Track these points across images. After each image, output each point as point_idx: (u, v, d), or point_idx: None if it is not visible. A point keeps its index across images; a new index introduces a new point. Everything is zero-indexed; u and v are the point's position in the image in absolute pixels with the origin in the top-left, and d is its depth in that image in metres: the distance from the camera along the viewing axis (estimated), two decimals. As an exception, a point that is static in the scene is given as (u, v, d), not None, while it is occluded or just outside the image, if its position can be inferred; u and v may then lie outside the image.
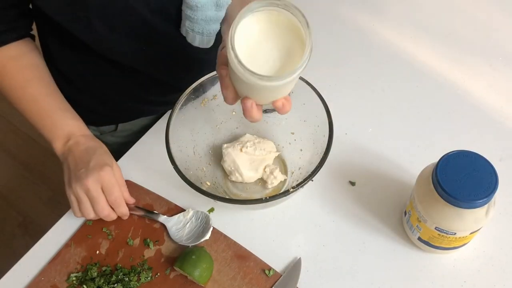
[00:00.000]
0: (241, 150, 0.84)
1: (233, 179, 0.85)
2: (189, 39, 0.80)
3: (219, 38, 0.80)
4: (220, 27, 0.76)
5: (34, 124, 0.85)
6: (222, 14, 0.76)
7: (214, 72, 0.81)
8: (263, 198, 0.71)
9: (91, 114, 0.97)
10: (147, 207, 0.84)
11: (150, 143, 0.92)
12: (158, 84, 0.94)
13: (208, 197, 0.72)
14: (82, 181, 0.77)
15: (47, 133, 0.84)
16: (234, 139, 0.88)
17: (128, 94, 0.96)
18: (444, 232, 0.70)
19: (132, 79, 0.92)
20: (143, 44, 0.83)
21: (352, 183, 0.85)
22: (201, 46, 0.80)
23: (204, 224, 0.81)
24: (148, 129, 0.95)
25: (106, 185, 0.78)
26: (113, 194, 0.79)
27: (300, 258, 0.78)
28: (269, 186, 0.84)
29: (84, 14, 0.75)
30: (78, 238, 0.81)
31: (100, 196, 0.78)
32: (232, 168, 0.84)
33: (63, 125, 0.84)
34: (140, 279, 0.77)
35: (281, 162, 0.87)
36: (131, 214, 0.83)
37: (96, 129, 1.03)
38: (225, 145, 0.86)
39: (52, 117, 0.84)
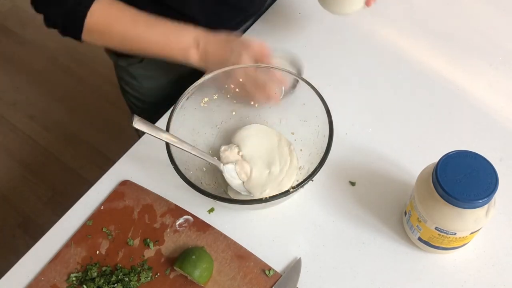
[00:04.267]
0: (238, 153, 0.84)
1: (232, 180, 0.85)
2: None
3: None
4: None
5: (158, 50, 0.87)
6: None
7: (214, 72, 0.82)
8: (263, 198, 0.71)
9: None
10: (147, 207, 0.84)
11: (150, 143, 0.92)
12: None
13: (208, 197, 0.72)
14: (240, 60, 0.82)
15: (176, 50, 0.86)
16: (234, 139, 0.88)
17: None
18: (444, 232, 0.70)
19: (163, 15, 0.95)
20: None
21: (352, 183, 0.85)
22: None
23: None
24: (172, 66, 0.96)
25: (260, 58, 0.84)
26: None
27: (300, 258, 0.78)
28: (269, 186, 0.84)
29: None
30: (78, 238, 0.81)
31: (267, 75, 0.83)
32: (231, 170, 0.83)
33: (186, 35, 0.86)
34: (140, 279, 0.77)
35: (281, 162, 0.87)
36: None
37: (124, 60, 1.07)
38: (222, 148, 0.85)
39: (173, 33, 0.87)
